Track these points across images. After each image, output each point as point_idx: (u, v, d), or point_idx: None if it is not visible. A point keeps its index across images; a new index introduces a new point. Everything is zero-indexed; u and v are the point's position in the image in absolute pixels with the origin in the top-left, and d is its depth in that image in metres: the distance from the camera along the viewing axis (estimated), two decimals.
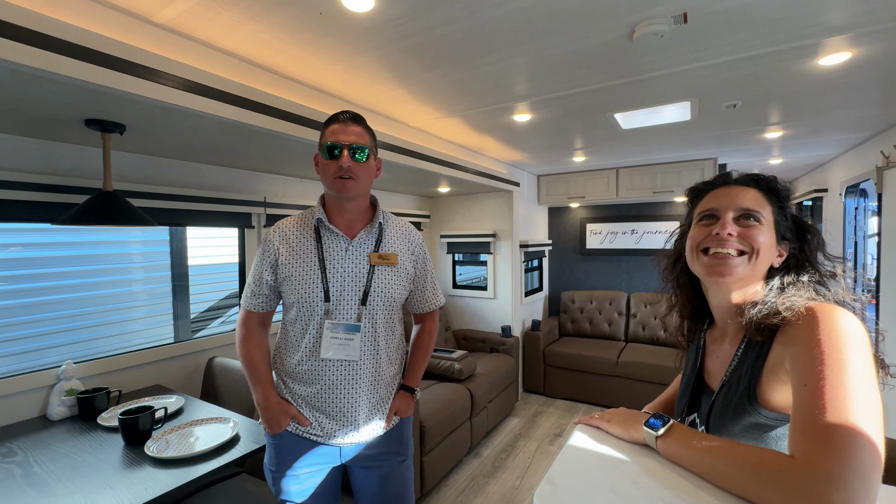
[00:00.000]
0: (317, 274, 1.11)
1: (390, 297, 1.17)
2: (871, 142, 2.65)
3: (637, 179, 3.59)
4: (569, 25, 1.26)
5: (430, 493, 2.25)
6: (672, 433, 0.67)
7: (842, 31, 1.29)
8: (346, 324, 1.11)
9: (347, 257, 1.14)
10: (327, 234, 1.15)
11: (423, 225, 3.72)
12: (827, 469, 0.49)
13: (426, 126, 2.34)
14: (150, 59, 1.13)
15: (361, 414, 1.14)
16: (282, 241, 1.14)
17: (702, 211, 0.77)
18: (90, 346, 1.84)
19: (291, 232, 1.15)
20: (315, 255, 1.12)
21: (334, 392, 1.12)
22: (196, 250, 2.30)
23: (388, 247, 1.20)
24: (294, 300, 1.11)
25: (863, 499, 0.47)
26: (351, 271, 1.13)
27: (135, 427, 1.30)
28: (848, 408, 0.52)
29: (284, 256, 1.13)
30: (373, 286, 1.14)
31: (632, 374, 3.27)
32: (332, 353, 1.11)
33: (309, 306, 1.11)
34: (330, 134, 1.10)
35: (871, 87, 1.78)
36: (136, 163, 1.80)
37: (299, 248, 1.13)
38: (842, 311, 0.60)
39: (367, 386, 1.14)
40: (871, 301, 2.92)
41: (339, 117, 1.12)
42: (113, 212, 1.35)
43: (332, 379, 1.12)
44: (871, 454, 0.49)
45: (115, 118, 1.32)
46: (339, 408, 1.12)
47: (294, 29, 1.26)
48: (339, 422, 1.13)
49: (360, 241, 1.16)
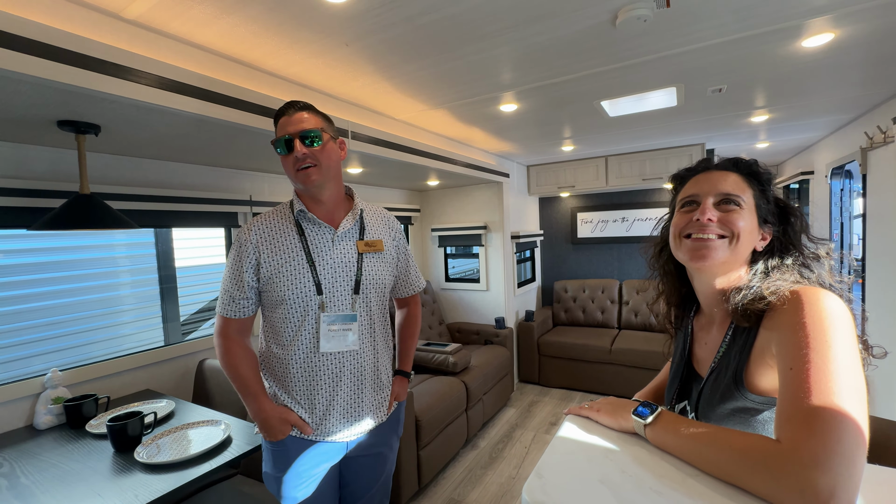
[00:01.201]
0: (305, 268, 1.07)
1: (381, 283, 1.16)
2: (855, 123, 2.67)
3: (626, 167, 3.59)
4: (551, 12, 1.24)
5: (427, 487, 2.26)
6: (660, 421, 0.67)
7: (824, 11, 1.29)
8: (342, 314, 1.08)
9: (335, 248, 1.11)
10: (310, 227, 1.12)
11: (414, 219, 3.70)
12: (812, 453, 0.49)
13: (412, 119, 2.31)
14: (122, 57, 1.09)
15: (366, 404, 1.13)
16: (261, 238, 1.09)
17: (683, 197, 0.77)
18: (78, 353, 1.81)
19: (270, 228, 1.10)
20: (301, 249, 1.09)
21: (339, 385, 1.09)
22: (183, 252, 2.27)
23: (372, 234, 1.18)
24: (283, 298, 1.06)
25: (847, 481, 0.47)
26: (340, 261, 1.11)
27: (124, 433, 1.28)
28: (833, 391, 0.52)
29: (267, 254, 1.07)
30: (363, 274, 1.13)
31: (625, 360, 3.30)
32: (332, 346, 1.08)
33: (302, 302, 1.07)
34: (280, 129, 1.07)
35: (854, 69, 1.78)
36: (114, 164, 1.76)
37: (282, 243, 1.09)
38: (826, 293, 0.60)
39: (371, 375, 1.14)
40: (858, 281, 2.96)
41: (284, 110, 1.08)
42: (91, 215, 1.31)
43: (335, 372, 1.09)
44: (855, 436, 0.49)
45: (89, 119, 1.28)
46: (344, 402, 1.10)
47: (270, 22, 1.22)
48: (346, 416, 1.11)
49: (345, 230, 1.13)
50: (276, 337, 1.11)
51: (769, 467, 0.52)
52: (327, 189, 1.10)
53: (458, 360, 2.68)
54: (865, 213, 2.63)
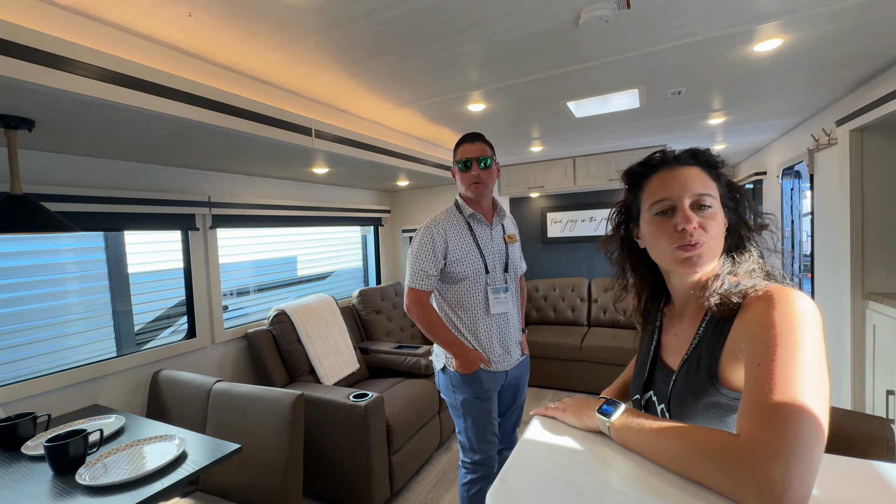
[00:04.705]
0: (477, 255, 1.53)
1: (517, 265, 1.66)
2: (804, 125, 2.82)
3: (593, 168, 3.67)
4: (514, 10, 1.23)
5: (400, 492, 2.22)
6: (623, 419, 0.66)
7: (773, 17, 1.34)
8: (501, 286, 1.55)
9: (492, 240, 1.59)
10: (476, 224, 1.57)
11: (384, 220, 3.65)
12: (770, 446, 0.49)
13: (379, 117, 2.27)
14: (55, 45, 1.01)
15: (514, 347, 1.60)
16: (447, 232, 1.52)
17: (655, 201, 0.74)
18: (18, 367, 1.66)
19: (450, 227, 1.54)
20: (472, 241, 1.55)
21: (502, 335, 1.56)
22: (137, 257, 2.14)
23: (508, 230, 1.66)
24: (465, 275, 1.51)
25: (804, 475, 0.47)
26: (496, 250, 1.58)
27: (63, 453, 1.18)
28: (796, 387, 0.52)
29: (453, 244, 1.51)
30: (509, 259, 1.60)
31: (595, 357, 3.36)
32: (497, 309, 1.54)
33: (477, 279, 1.52)
34: (461, 153, 1.56)
35: (802, 73, 1.88)
36: (53, 163, 1.63)
37: (460, 237, 1.53)
38: (798, 294, 0.60)
39: (515, 328, 1.62)
40: (808, 275, 3.13)
41: (466, 138, 1.57)
42: (23, 218, 1.20)
43: (501, 326, 1.56)
44: (814, 432, 0.50)
45: (20, 112, 1.17)
46: (506, 345, 1.57)
47: (221, 13, 1.16)
48: (506, 355, 1.58)
49: (496, 227, 1.62)
50: (459, 304, 1.54)
51: (727, 461, 0.52)
52: (486, 198, 1.58)
53: (430, 362, 2.65)
54: (813, 211, 2.79)
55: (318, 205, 2.91)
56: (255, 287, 2.80)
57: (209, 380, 1.78)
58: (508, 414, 1.72)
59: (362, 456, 1.90)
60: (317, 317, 2.60)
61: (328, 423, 1.96)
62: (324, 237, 3.30)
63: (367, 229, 3.66)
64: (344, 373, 2.58)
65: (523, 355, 1.66)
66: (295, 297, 2.91)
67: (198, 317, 2.23)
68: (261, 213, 2.51)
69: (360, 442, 1.89)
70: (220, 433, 1.61)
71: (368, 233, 3.69)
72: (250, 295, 2.76)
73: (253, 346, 2.36)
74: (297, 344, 2.45)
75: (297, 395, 1.56)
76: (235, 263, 2.63)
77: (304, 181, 2.83)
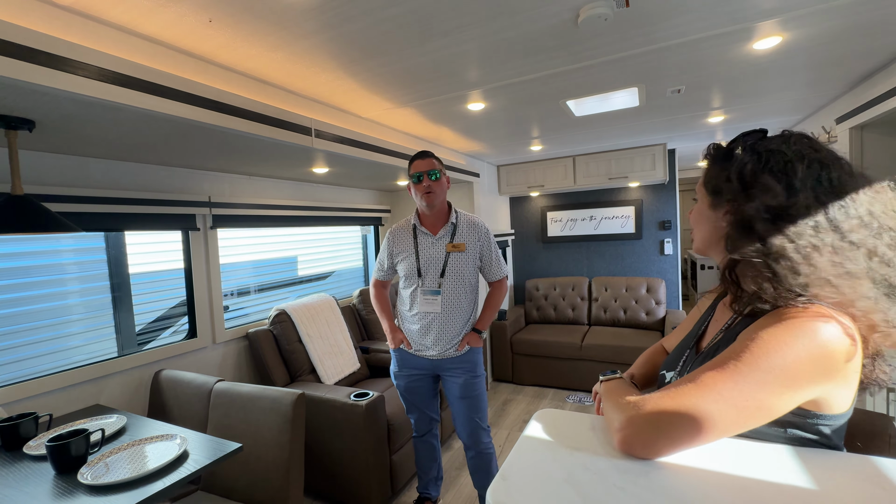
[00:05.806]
0: (413, 259, 1.77)
1: (464, 271, 1.77)
2: (804, 123, 2.82)
3: (593, 167, 3.67)
4: (513, 8, 1.23)
5: (401, 491, 2.22)
6: (607, 384, 0.74)
7: (772, 14, 1.34)
8: (432, 289, 1.75)
9: (432, 247, 1.77)
10: (420, 234, 1.79)
11: (384, 220, 3.65)
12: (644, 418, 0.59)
13: (379, 117, 2.27)
14: (55, 46, 1.01)
15: (442, 342, 1.77)
16: (395, 239, 1.83)
17: None
18: (19, 368, 1.66)
19: (399, 233, 1.83)
20: (413, 247, 1.78)
21: (426, 328, 1.77)
22: (138, 257, 2.14)
23: (461, 239, 1.77)
24: (404, 274, 1.80)
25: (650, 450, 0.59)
26: (434, 257, 1.76)
27: (65, 453, 1.18)
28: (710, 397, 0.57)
29: (397, 248, 1.82)
30: (447, 266, 1.75)
31: (595, 356, 3.36)
32: (426, 308, 1.76)
33: (410, 278, 1.78)
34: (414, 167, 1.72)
35: (801, 71, 1.88)
36: (54, 163, 1.63)
37: (405, 243, 1.80)
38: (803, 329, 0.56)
39: (450, 326, 1.78)
40: None
41: (417, 156, 1.73)
42: (24, 218, 1.21)
43: (427, 321, 1.77)
44: (683, 435, 0.57)
45: (20, 113, 1.18)
46: (428, 337, 1.78)
47: (220, 12, 1.16)
48: (432, 346, 1.78)
49: (443, 237, 1.77)
50: (400, 295, 1.87)
51: (620, 417, 0.62)
52: (436, 208, 1.74)
53: None
54: None
55: (318, 205, 2.91)
56: (256, 287, 2.80)
57: (210, 379, 1.78)
58: (456, 413, 1.86)
59: (363, 455, 1.90)
60: (317, 316, 2.60)
61: (329, 423, 1.96)
62: (324, 237, 3.30)
63: (367, 229, 3.66)
64: (345, 372, 2.58)
65: (458, 352, 1.80)
66: (295, 297, 2.91)
67: (199, 317, 2.23)
68: (261, 213, 2.51)
69: (360, 441, 1.90)
70: (221, 433, 1.61)
71: (368, 232, 3.69)
72: (251, 295, 2.76)
73: (254, 345, 2.37)
74: (298, 343, 2.46)
75: (298, 394, 1.56)
76: (236, 263, 2.63)
77: (304, 181, 2.83)
